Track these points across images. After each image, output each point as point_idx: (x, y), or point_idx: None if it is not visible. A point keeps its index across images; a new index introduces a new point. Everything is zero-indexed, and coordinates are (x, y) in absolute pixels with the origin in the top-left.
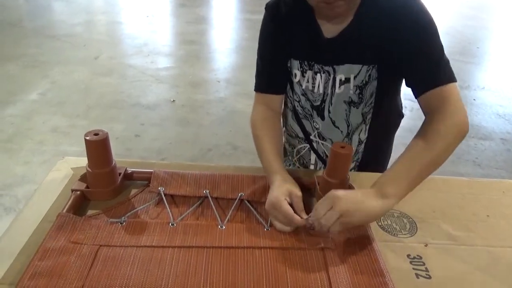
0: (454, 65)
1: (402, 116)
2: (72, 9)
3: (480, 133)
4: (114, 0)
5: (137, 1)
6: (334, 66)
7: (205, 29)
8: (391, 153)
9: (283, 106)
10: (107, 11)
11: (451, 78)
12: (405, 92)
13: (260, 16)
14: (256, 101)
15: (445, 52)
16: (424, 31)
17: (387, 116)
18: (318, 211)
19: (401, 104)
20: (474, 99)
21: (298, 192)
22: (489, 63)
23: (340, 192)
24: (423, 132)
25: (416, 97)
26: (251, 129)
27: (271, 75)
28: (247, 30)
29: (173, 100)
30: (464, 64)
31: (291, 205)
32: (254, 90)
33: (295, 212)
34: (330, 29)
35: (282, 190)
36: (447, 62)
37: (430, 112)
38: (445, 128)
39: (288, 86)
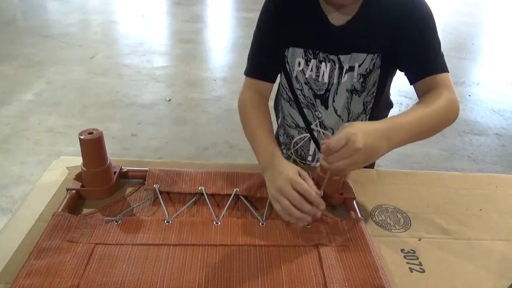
0: (450, 61)
1: (391, 106)
2: (67, 9)
3: (475, 128)
4: None
5: (133, 0)
6: (340, 55)
7: (201, 27)
8: None
9: (278, 97)
10: (102, 10)
11: (446, 69)
12: (400, 89)
13: (256, 14)
14: (246, 86)
15: (441, 48)
16: (427, 22)
17: (382, 106)
18: (332, 146)
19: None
20: (469, 95)
21: (305, 172)
22: (484, 59)
23: (356, 129)
24: (427, 102)
25: (411, 83)
26: (239, 112)
27: (267, 63)
28: (243, 29)
29: (170, 99)
30: (460, 60)
31: None
32: (245, 74)
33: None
34: (336, 18)
35: (293, 170)
36: (443, 55)
37: (427, 93)
38: (447, 104)
39: (284, 77)
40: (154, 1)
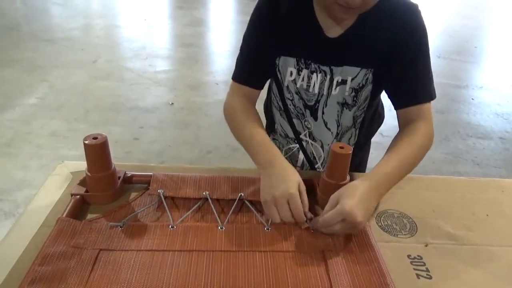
0: (452, 65)
1: (383, 118)
2: (70, 13)
3: (479, 132)
4: (111, 3)
5: (135, 5)
6: (332, 67)
7: (203, 31)
8: (369, 152)
9: (270, 106)
10: (105, 14)
11: (431, 96)
12: None
13: None
14: (234, 90)
15: (443, 51)
16: (421, 44)
17: (373, 119)
18: (327, 221)
19: (383, 107)
20: (473, 99)
21: (303, 185)
22: (487, 62)
23: (350, 204)
24: (406, 142)
25: (395, 108)
26: (226, 115)
27: (256, 69)
28: None
29: (172, 103)
30: (462, 64)
31: None
32: (233, 79)
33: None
34: (331, 29)
35: (294, 181)
36: (431, 78)
37: (407, 124)
38: (423, 141)
39: (275, 86)
40: (156, 5)
